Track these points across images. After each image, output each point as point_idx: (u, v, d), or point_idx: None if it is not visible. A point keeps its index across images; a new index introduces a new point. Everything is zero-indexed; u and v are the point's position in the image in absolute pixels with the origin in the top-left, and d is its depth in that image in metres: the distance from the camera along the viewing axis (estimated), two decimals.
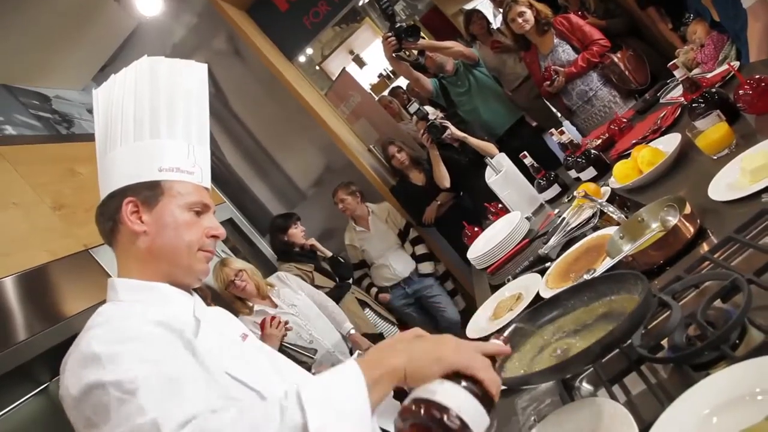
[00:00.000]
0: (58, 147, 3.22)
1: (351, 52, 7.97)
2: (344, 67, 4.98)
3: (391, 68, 7.80)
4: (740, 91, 1.53)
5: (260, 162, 4.35)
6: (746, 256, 0.99)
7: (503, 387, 0.87)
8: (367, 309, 3.68)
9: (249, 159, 4.34)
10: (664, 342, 0.94)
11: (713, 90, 1.64)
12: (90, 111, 3.85)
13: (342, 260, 3.76)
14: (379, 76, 7.87)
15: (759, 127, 1.48)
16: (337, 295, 3.49)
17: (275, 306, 3.00)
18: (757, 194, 1.10)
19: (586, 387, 1.07)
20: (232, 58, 4.20)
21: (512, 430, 1.10)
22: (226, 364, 1.00)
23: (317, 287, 3.41)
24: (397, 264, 3.96)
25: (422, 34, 3.52)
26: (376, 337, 3.37)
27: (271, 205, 4.36)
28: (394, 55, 3.45)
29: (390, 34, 3.39)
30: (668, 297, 1.00)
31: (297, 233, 3.67)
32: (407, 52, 3.54)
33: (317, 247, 3.68)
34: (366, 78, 7.40)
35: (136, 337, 0.90)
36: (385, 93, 6.28)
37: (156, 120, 1.11)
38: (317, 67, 7.40)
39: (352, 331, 3.14)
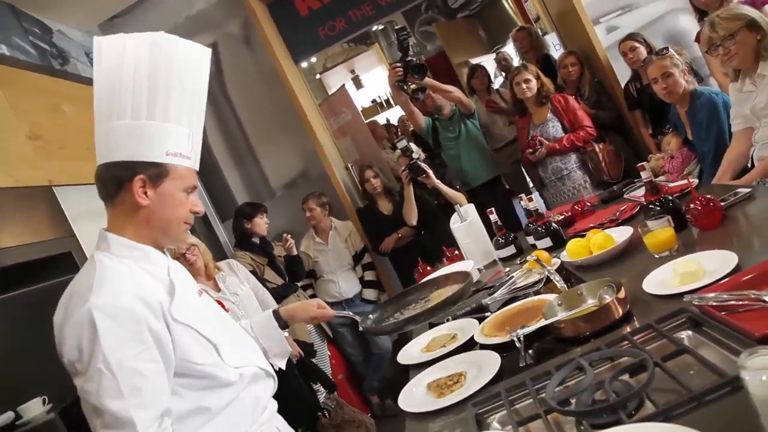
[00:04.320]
0: (48, 80, 3.21)
1: (352, 72, 8.13)
2: (344, 84, 5.09)
3: (386, 97, 7.98)
4: (691, 206, 1.70)
5: (240, 150, 4.40)
6: (659, 344, 1.12)
7: None
8: None
9: (230, 144, 4.38)
10: (574, 399, 1.05)
11: (670, 198, 1.81)
12: (88, 54, 3.85)
13: (301, 261, 3.81)
14: (372, 102, 8.03)
15: (699, 239, 1.65)
16: (282, 294, 3.54)
17: (218, 290, 3.03)
18: (681, 294, 1.24)
19: (496, 425, 1.17)
20: (240, 45, 4.28)
21: None
22: (191, 316, 1.22)
23: (266, 281, 3.45)
24: (344, 283, 4.04)
25: (427, 75, 3.67)
26: (307, 346, 3.42)
27: (239, 194, 4.39)
28: (396, 84, 3.60)
29: (399, 64, 3.54)
30: (586, 363, 1.12)
31: (261, 224, 3.70)
32: (407, 86, 3.69)
33: (290, 243, 3.70)
34: (360, 100, 7.54)
35: (126, 318, 1.12)
36: (376, 118, 6.43)
37: (168, 103, 1.23)
38: (317, 76, 7.53)
39: (285, 334, 3.17)
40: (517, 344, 1.40)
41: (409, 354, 1.81)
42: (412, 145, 3.79)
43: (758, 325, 0.97)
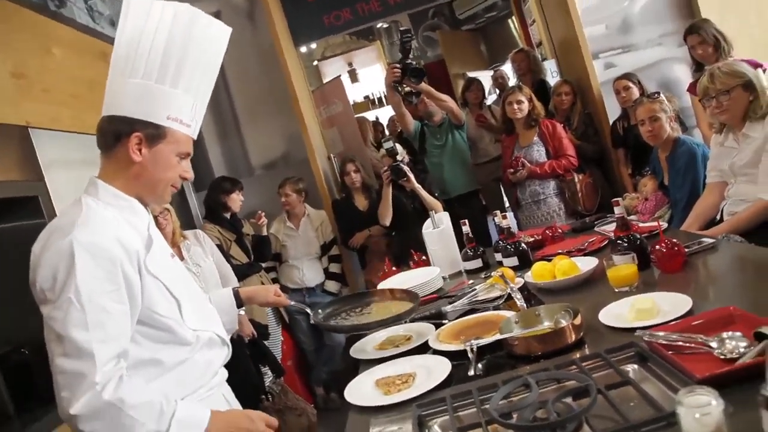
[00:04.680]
0: (42, 20, 3.13)
1: (350, 64, 8.12)
2: (340, 75, 5.08)
3: (379, 95, 8.00)
4: (657, 247, 1.75)
5: (226, 123, 4.36)
6: (605, 373, 1.15)
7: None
8: None
9: (216, 115, 4.33)
10: (516, 414, 1.07)
11: (638, 236, 1.85)
12: (86, 1, 3.77)
13: (269, 242, 3.79)
14: (365, 97, 8.04)
15: (659, 280, 1.70)
16: (244, 272, 3.52)
17: (182, 258, 3.00)
18: (633, 329, 1.28)
19: (437, 429, 1.19)
20: (243, 18, 4.24)
21: None
22: (162, 271, 1.29)
23: (230, 257, 3.43)
24: (308, 271, 4.04)
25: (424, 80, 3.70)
26: (262, 327, 3.41)
27: (218, 167, 4.35)
28: (392, 84, 3.61)
29: (398, 65, 3.56)
30: (533, 381, 1.14)
31: (237, 200, 3.67)
32: (402, 87, 3.71)
33: (263, 220, 3.68)
34: (353, 93, 7.53)
35: (104, 258, 1.17)
36: (365, 114, 6.42)
37: (180, 71, 1.29)
38: (314, 63, 7.50)
39: (242, 312, 3.16)
40: (470, 354, 1.42)
41: (362, 349, 1.83)
42: (398, 147, 3.81)
43: (700, 368, 1.00)
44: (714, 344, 1.09)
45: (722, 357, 1.06)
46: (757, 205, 2.18)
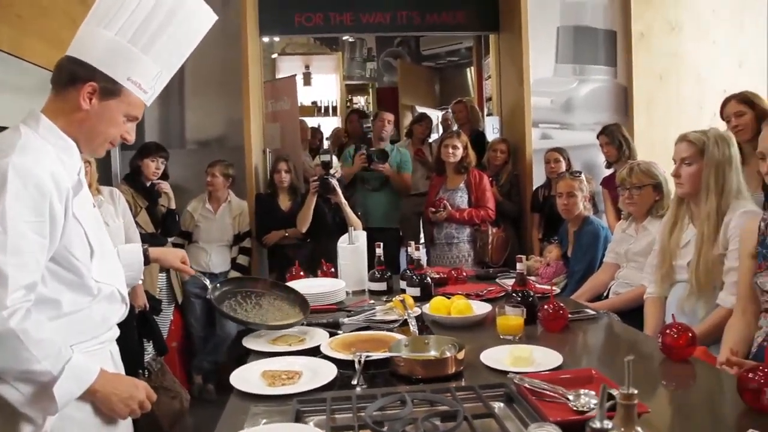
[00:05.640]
0: None
1: (306, 67, 8.14)
2: (295, 74, 5.12)
3: (327, 104, 8.07)
4: (545, 307, 1.92)
5: (170, 90, 4.25)
6: (475, 404, 1.26)
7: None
8: (164, 273, 3.64)
9: None
10: (388, 424, 1.15)
11: (531, 294, 2.02)
12: None
13: (178, 218, 3.72)
14: (312, 103, 8.07)
15: (541, 336, 1.86)
16: (146, 242, 3.42)
17: None
18: (507, 372, 1.42)
19: (312, 426, 1.25)
20: None
21: (236, 424, 1.24)
22: (85, 217, 1.31)
23: (137, 224, 3.34)
24: (215, 257, 4.00)
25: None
26: (156, 302, 3.33)
27: (150, 132, 4.21)
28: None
29: (365, 152, 4.00)
30: (409, 398, 1.23)
31: (150, 166, 3.57)
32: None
33: (167, 193, 3.62)
34: (303, 96, 7.55)
35: (36, 187, 1.18)
36: (308, 119, 6.44)
37: (154, 39, 1.31)
38: (272, 56, 7.46)
39: (140, 281, 3.08)
40: (357, 365, 1.50)
41: (255, 341, 1.86)
42: (335, 162, 3.87)
43: (554, 413, 1.14)
44: (571, 397, 1.23)
45: (575, 408, 1.20)
46: (637, 291, 2.44)
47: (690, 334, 1.56)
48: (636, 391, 0.86)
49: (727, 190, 1.97)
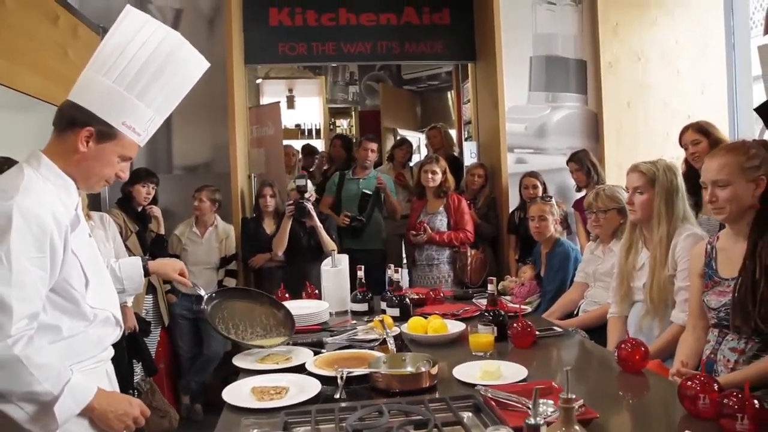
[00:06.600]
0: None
1: (290, 90, 8.30)
2: (279, 101, 5.27)
3: (310, 127, 8.23)
4: (515, 325, 2.06)
5: None
6: (445, 414, 1.39)
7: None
8: (152, 296, 3.73)
9: None
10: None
11: (502, 313, 2.16)
12: None
13: (166, 243, 3.82)
14: (296, 125, 8.21)
15: (510, 352, 2.00)
16: None
17: None
18: (474, 385, 1.57)
19: None
20: (203, 22, 4.39)
21: None
22: (81, 250, 1.42)
23: (127, 247, 3.44)
24: (202, 280, 4.06)
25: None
26: (145, 324, 3.41)
27: (138, 158, 4.27)
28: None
29: (348, 216, 4.26)
30: (386, 409, 1.37)
31: (141, 192, 3.70)
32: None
33: (157, 217, 3.72)
34: (286, 119, 7.67)
35: (37, 226, 1.28)
36: (292, 143, 6.56)
37: (149, 87, 1.43)
38: (257, 81, 7.61)
39: (129, 304, 3.18)
40: (339, 381, 1.63)
41: (244, 359, 1.97)
42: (310, 186, 3.98)
43: (513, 420, 1.27)
44: (530, 406, 1.36)
45: None
46: (603, 309, 2.59)
47: (643, 348, 1.72)
48: (574, 396, 1.00)
49: (675, 215, 2.15)
